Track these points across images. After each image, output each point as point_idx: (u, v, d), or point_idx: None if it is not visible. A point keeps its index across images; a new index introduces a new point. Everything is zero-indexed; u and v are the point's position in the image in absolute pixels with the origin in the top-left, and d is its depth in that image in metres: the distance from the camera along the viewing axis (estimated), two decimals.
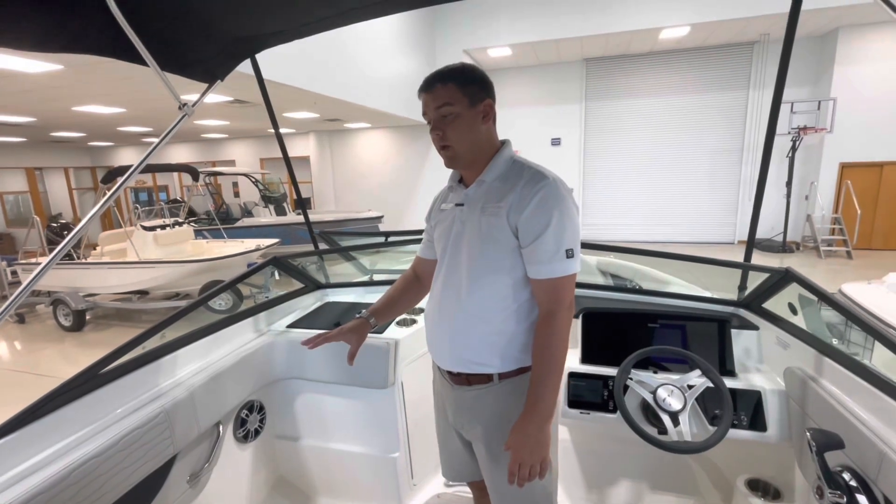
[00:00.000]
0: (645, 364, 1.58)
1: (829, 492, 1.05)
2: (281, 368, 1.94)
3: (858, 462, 1.10)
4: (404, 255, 2.95)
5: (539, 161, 1.17)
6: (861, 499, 1.03)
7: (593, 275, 2.68)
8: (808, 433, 1.11)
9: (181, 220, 7.13)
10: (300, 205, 2.32)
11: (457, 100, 1.10)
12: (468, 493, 1.94)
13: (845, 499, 1.04)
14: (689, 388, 1.40)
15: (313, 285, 2.34)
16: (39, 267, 1.12)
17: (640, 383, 1.43)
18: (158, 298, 6.57)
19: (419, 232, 1.42)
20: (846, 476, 1.09)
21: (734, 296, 1.83)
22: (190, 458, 1.59)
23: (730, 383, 1.46)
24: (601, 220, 11.08)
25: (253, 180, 10.01)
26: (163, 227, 6.57)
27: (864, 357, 1.53)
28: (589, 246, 2.01)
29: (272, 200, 9.81)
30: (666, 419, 1.36)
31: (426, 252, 1.39)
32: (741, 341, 1.68)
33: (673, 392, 1.38)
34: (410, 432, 1.92)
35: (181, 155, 14.56)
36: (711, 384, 1.39)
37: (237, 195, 14.12)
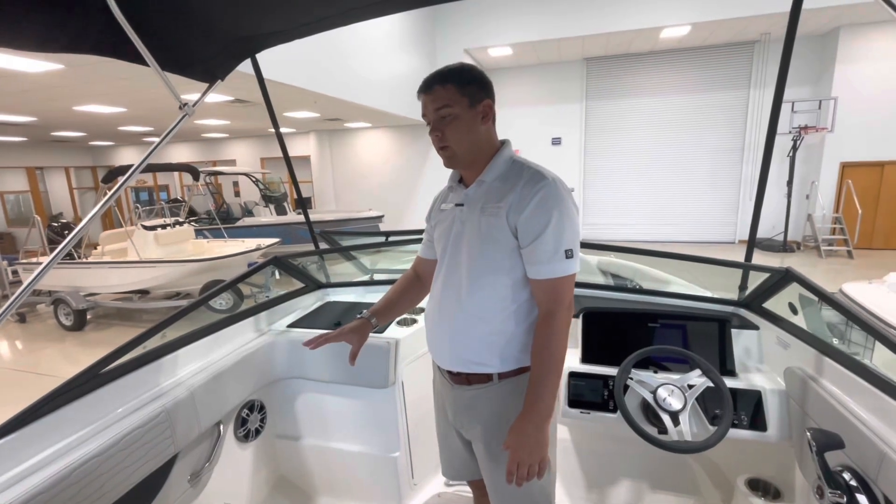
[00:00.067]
0: (645, 364, 1.58)
1: (830, 491, 1.05)
2: (281, 368, 1.94)
3: (859, 462, 1.10)
4: (405, 255, 2.95)
5: (539, 160, 1.17)
6: (861, 498, 1.03)
7: (594, 274, 2.68)
8: (809, 433, 1.11)
9: (182, 220, 7.13)
10: (301, 204, 2.32)
11: (456, 101, 1.09)
12: (468, 493, 1.94)
13: (845, 498, 1.04)
14: (690, 388, 1.40)
15: (314, 285, 2.34)
16: (40, 267, 1.12)
17: (641, 383, 1.43)
18: (159, 298, 6.58)
19: (419, 231, 1.42)
20: (846, 476, 1.09)
21: (735, 295, 1.83)
22: (191, 458, 1.59)
23: (730, 383, 1.46)
24: (602, 220, 11.08)
25: (253, 180, 10.01)
26: (163, 227, 6.57)
27: (865, 357, 1.53)
28: (589, 245, 2.01)
29: (273, 200, 9.82)
30: (666, 419, 1.36)
31: (426, 252, 1.39)
32: (741, 341, 1.68)
33: (673, 392, 1.38)
34: (411, 432, 1.92)
35: (182, 154, 14.57)
36: (712, 384, 1.39)
37: (238, 195, 14.13)
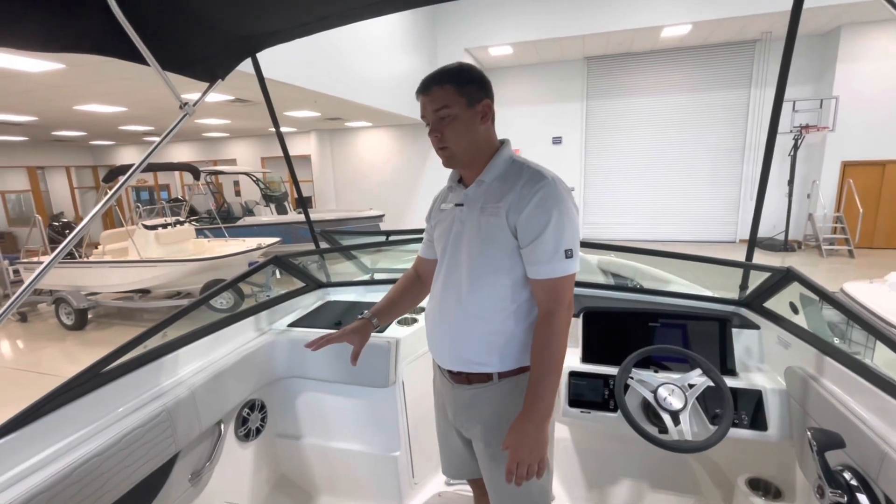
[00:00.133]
0: (646, 363, 1.58)
1: (830, 491, 1.05)
2: (282, 367, 1.94)
3: (859, 461, 1.10)
4: (405, 254, 2.95)
5: (540, 160, 1.17)
6: (862, 498, 1.03)
7: (594, 274, 2.67)
8: (809, 432, 1.11)
9: (182, 219, 7.14)
10: (301, 203, 2.32)
11: (454, 102, 1.09)
12: (469, 492, 1.94)
13: (846, 498, 1.04)
14: (690, 388, 1.39)
15: (314, 284, 2.34)
16: (41, 266, 1.12)
17: (641, 382, 1.43)
18: (160, 297, 6.59)
19: (420, 231, 1.42)
20: (847, 475, 1.09)
21: (735, 295, 1.83)
22: (191, 457, 1.59)
23: (731, 382, 1.46)
24: (602, 219, 11.07)
25: (254, 179, 10.02)
26: (164, 226, 6.58)
27: (866, 356, 1.53)
28: (590, 245, 2.00)
29: (273, 199, 9.82)
30: (667, 418, 1.36)
31: (427, 252, 1.39)
32: (742, 340, 1.67)
33: (674, 391, 1.38)
34: (411, 431, 1.93)
35: (182, 154, 14.57)
36: (712, 383, 1.39)
37: (238, 194, 14.14)
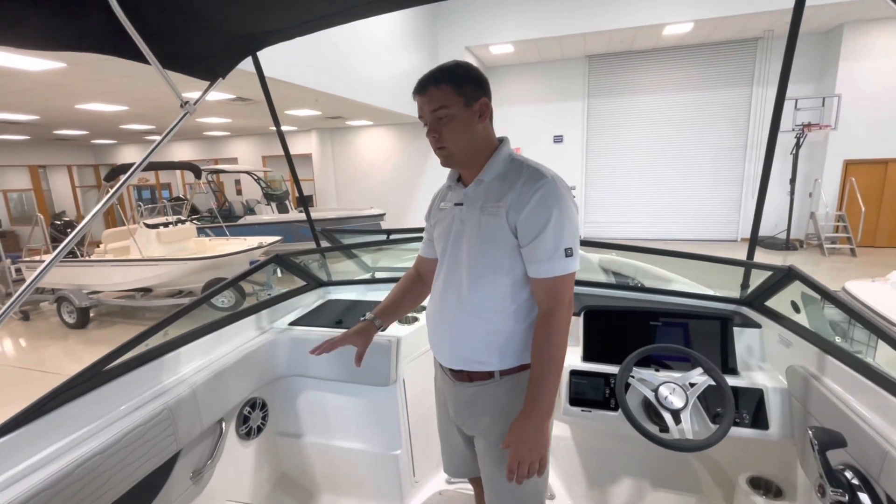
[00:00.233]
0: (647, 362, 1.58)
1: (831, 490, 1.05)
2: (283, 366, 1.94)
3: (861, 460, 1.10)
4: (406, 253, 2.95)
5: (541, 159, 1.16)
6: (863, 497, 1.03)
7: (595, 272, 2.67)
8: (811, 431, 1.11)
9: (184, 218, 7.14)
10: (302, 202, 2.32)
11: (452, 101, 1.08)
12: (469, 490, 1.95)
13: (847, 497, 1.04)
14: (691, 387, 1.39)
15: (315, 283, 2.34)
16: (43, 264, 1.13)
17: (642, 381, 1.43)
18: (161, 296, 6.60)
19: (421, 230, 1.42)
20: (848, 474, 1.09)
21: (737, 294, 1.83)
22: (193, 455, 1.59)
23: (732, 381, 1.46)
24: (603, 218, 11.06)
25: (255, 178, 10.02)
26: (166, 225, 6.58)
27: (868, 355, 1.53)
28: (591, 244, 2.00)
29: (274, 198, 9.82)
30: (667, 417, 1.36)
31: (427, 251, 1.39)
32: (743, 339, 1.67)
33: (675, 390, 1.38)
34: (412, 429, 1.93)
35: (183, 153, 14.59)
36: (713, 382, 1.38)
37: (239, 193, 14.15)
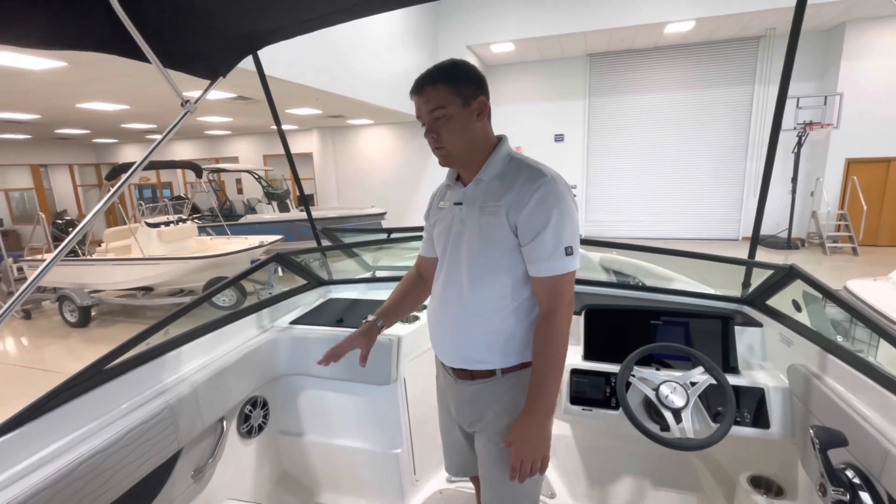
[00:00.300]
0: (647, 361, 1.57)
1: (833, 489, 1.05)
2: (284, 365, 1.94)
3: (862, 459, 1.10)
4: (407, 252, 2.95)
5: (542, 158, 1.16)
6: (864, 496, 1.03)
7: (596, 271, 2.67)
8: (812, 430, 1.10)
9: (185, 217, 7.15)
10: (303, 201, 2.32)
11: (449, 101, 1.07)
12: (470, 489, 1.95)
13: (848, 496, 1.04)
14: (692, 385, 1.39)
15: (316, 282, 2.35)
16: (44, 263, 1.13)
17: (643, 380, 1.43)
18: (163, 295, 6.61)
19: (421, 228, 1.42)
20: (849, 473, 1.09)
21: (738, 293, 1.83)
22: (194, 454, 1.60)
23: (733, 380, 1.46)
24: (604, 217, 11.05)
25: (256, 177, 10.03)
26: (167, 224, 6.59)
27: (869, 354, 1.53)
28: (592, 243, 2.00)
29: (275, 197, 9.83)
30: (668, 416, 1.35)
31: (428, 250, 1.39)
32: (745, 338, 1.67)
33: (675, 389, 1.38)
34: (413, 428, 1.93)
35: (185, 152, 14.60)
36: (714, 381, 1.38)
37: (240, 192, 14.16)
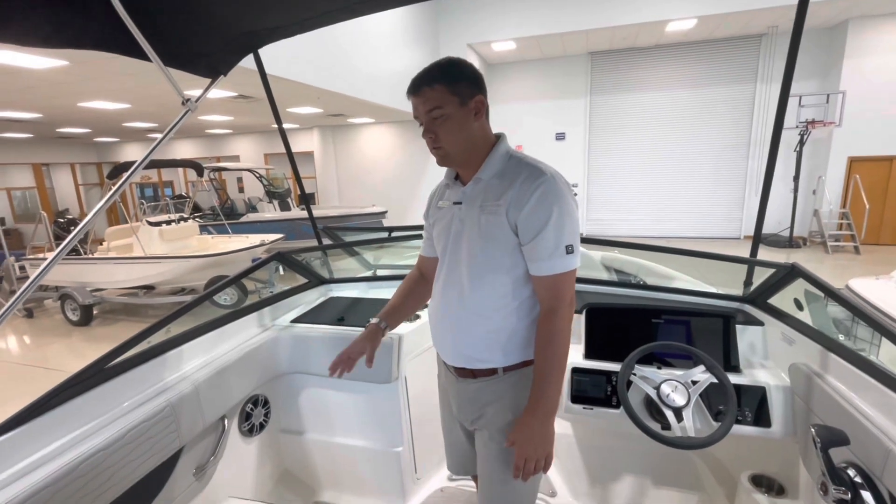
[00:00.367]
0: (649, 360, 1.57)
1: (834, 488, 1.05)
2: (285, 363, 1.95)
3: (864, 458, 1.10)
4: (408, 250, 2.95)
5: (543, 157, 1.15)
6: (866, 495, 1.03)
7: (597, 270, 2.67)
8: (813, 429, 1.10)
9: (186, 216, 7.16)
10: (304, 200, 2.32)
11: (447, 101, 1.06)
12: (471, 487, 1.95)
13: (850, 495, 1.04)
14: (693, 384, 1.39)
15: (317, 280, 2.35)
16: (46, 261, 1.13)
17: (644, 379, 1.43)
18: (164, 293, 6.62)
19: (422, 227, 1.42)
20: (851, 472, 1.09)
21: (739, 291, 1.82)
22: (196, 452, 1.60)
23: (734, 379, 1.46)
24: (606, 216, 11.04)
25: (257, 176, 10.03)
26: (168, 223, 6.60)
27: (871, 353, 1.52)
28: (593, 241, 2.00)
29: (276, 196, 9.83)
30: (669, 415, 1.35)
31: (428, 250, 1.38)
32: (746, 337, 1.67)
33: (677, 388, 1.38)
34: (414, 427, 1.93)
35: (186, 150, 14.61)
36: (716, 380, 1.38)
37: (242, 190, 14.17)
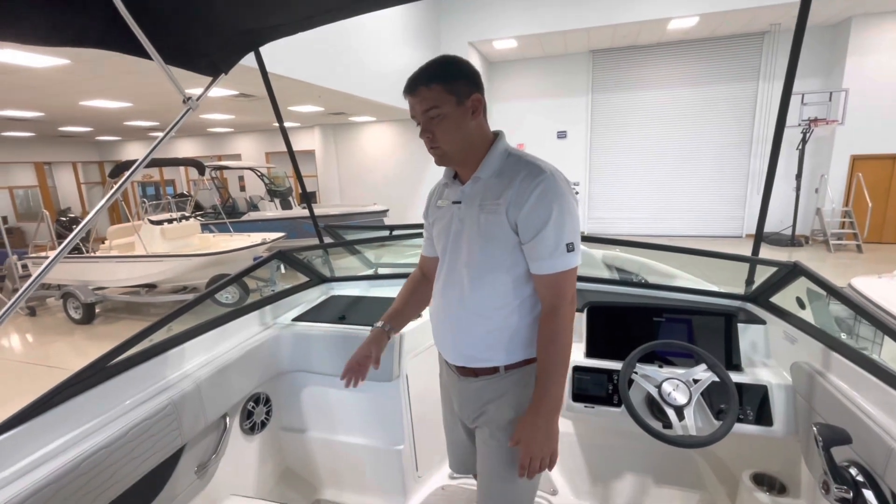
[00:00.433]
0: (650, 358, 1.57)
1: (836, 487, 1.05)
2: (286, 361, 1.95)
3: (866, 457, 1.10)
4: (409, 249, 2.95)
5: (545, 155, 1.15)
6: (868, 494, 1.03)
7: (599, 268, 2.66)
8: (815, 428, 1.10)
9: (188, 214, 7.17)
10: (305, 199, 2.33)
11: (443, 101, 1.06)
12: (473, 485, 1.95)
13: (852, 494, 1.03)
14: (695, 383, 1.39)
15: (318, 279, 2.35)
16: (48, 260, 1.13)
17: (645, 377, 1.42)
18: (166, 292, 6.64)
19: (423, 225, 1.42)
20: (853, 471, 1.09)
21: (741, 290, 1.82)
22: (197, 450, 1.61)
23: (736, 378, 1.46)
24: (607, 214, 11.02)
25: (258, 174, 10.03)
26: (170, 221, 6.61)
27: (873, 352, 1.52)
28: (594, 240, 2.00)
29: (278, 194, 9.83)
30: (671, 413, 1.35)
31: (429, 250, 1.38)
32: (748, 336, 1.66)
33: (678, 386, 1.38)
34: (415, 425, 1.93)
35: (187, 149, 14.62)
36: (717, 378, 1.38)
37: (243, 189, 14.18)
